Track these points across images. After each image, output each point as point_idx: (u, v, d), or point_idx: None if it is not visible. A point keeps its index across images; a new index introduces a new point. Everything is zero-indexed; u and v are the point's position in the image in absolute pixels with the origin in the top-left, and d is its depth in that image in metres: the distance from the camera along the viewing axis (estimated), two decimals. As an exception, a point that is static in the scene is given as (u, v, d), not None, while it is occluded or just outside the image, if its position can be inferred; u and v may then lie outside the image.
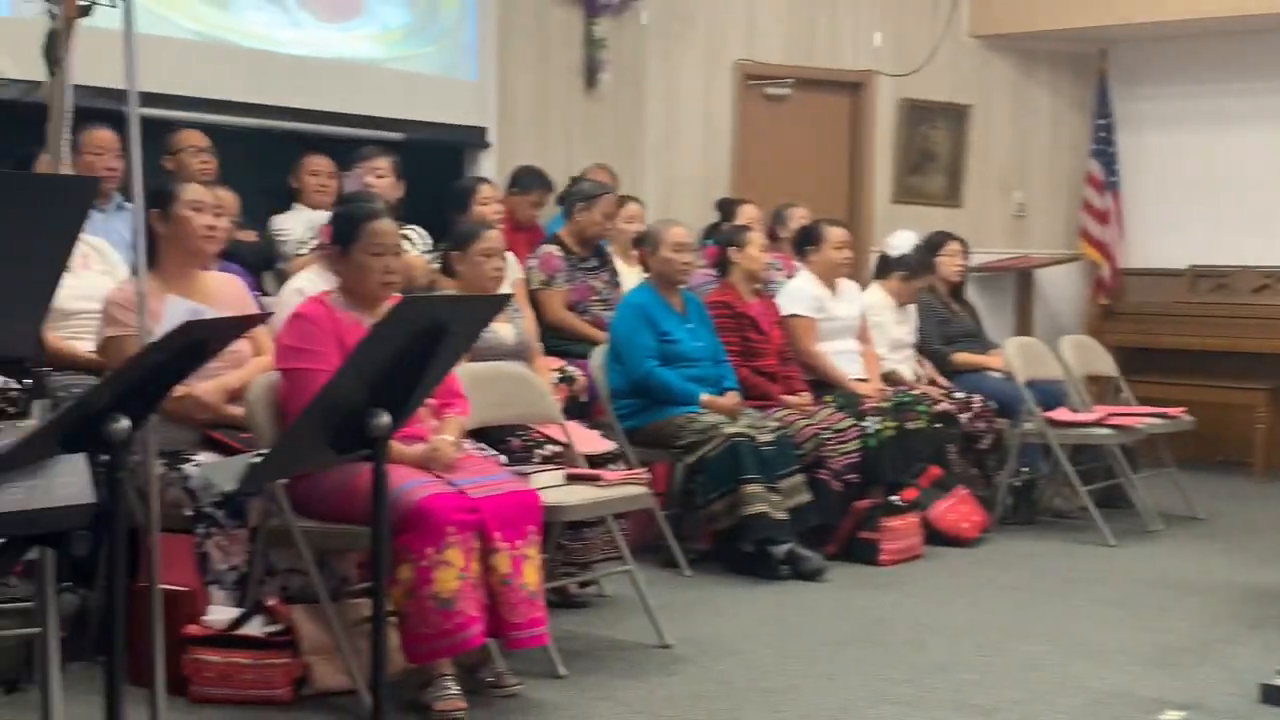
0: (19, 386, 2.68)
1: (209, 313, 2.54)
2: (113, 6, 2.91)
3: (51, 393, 2.91)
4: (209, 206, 4.22)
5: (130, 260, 4.53)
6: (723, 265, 5.89)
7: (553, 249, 5.92)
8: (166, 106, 5.57)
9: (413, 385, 2.74)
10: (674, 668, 4.07)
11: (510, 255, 5.23)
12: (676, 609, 4.57)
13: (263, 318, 3.65)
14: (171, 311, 2.43)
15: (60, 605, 3.40)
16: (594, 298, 5.93)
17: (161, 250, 4.04)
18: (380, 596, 2.80)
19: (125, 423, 2.22)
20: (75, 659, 3.60)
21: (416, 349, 2.69)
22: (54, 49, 3.12)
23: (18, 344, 2.39)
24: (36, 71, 5.51)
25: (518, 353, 4.87)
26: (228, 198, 5.28)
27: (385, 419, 2.61)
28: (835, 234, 6.19)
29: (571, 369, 5.41)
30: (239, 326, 3.08)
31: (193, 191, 4.20)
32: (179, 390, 3.50)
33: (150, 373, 2.30)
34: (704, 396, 5.30)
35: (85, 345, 4.34)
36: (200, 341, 2.41)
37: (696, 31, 8.14)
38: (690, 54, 8.13)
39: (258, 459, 3.04)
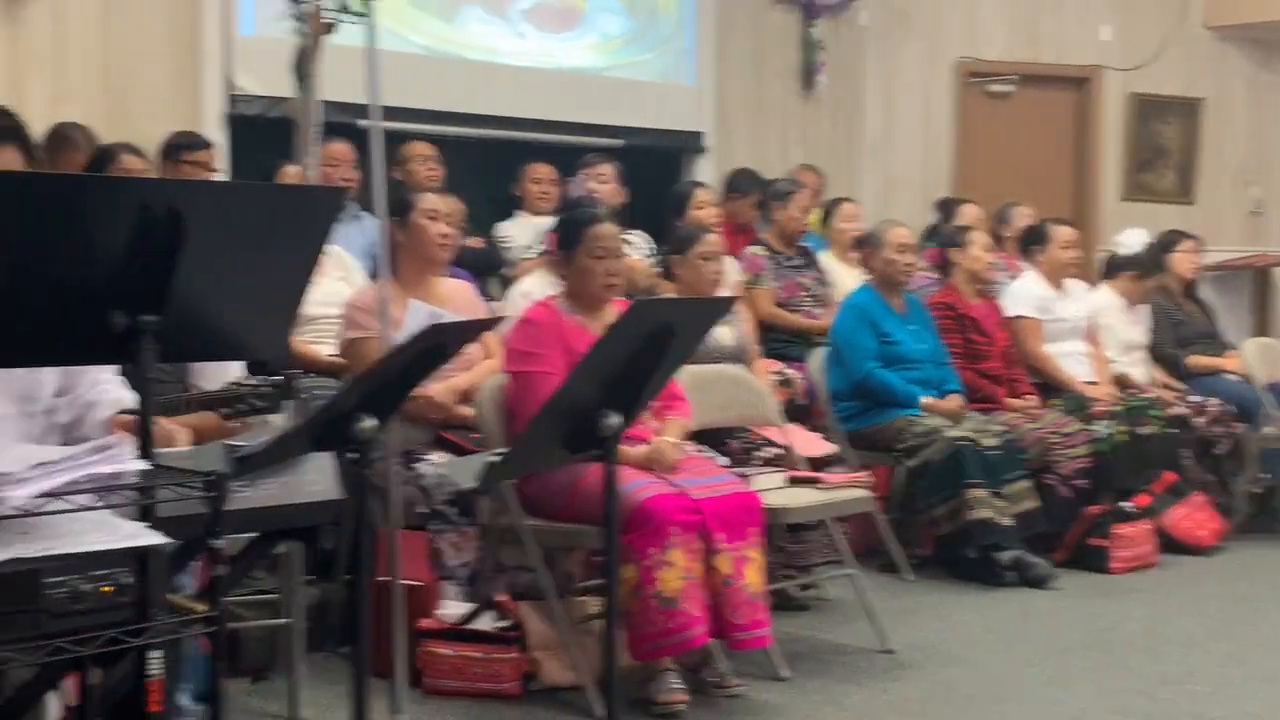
0: (269, 384, 2.83)
1: (448, 317, 2.64)
2: (361, 17, 3.02)
3: (298, 394, 3.05)
4: (443, 215, 4.35)
5: (367, 267, 4.71)
6: (944, 266, 5.80)
7: (756, 249, 5.92)
8: (396, 119, 5.76)
9: (642, 386, 2.79)
10: (897, 673, 4.02)
11: (729, 259, 5.25)
12: (899, 614, 4.51)
13: (498, 321, 3.75)
14: (413, 316, 2.52)
15: (302, 598, 3.57)
16: (803, 294, 5.89)
17: (398, 257, 4.18)
18: (613, 594, 2.84)
19: (372, 422, 2.31)
20: (317, 649, 3.75)
21: (646, 351, 2.73)
22: (303, 65, 3.25)
23: (268, 348, 2.50)
24: (277, 88, 5.82)
25: (736, 355, 4.89)
26: (453, 205, 5.45)
27: (616, 419, 2.66)
28: (1062, 233, 6.04)
29: (790, 372, 5.40)
30: (476, 330, 3.18)
31: (428, 200, 4.34)
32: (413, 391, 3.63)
33: (395, 374, 2.39)
34: (925, 399, 5.22)
35: (326, 348, 4.52)
36: (441, 344, 2.50)
37: (916, 30, 8.04)
38: (910, 53, 8.03)
39: (496, 458, 3.13)
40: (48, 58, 5.28)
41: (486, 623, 3.81)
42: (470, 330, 3.01)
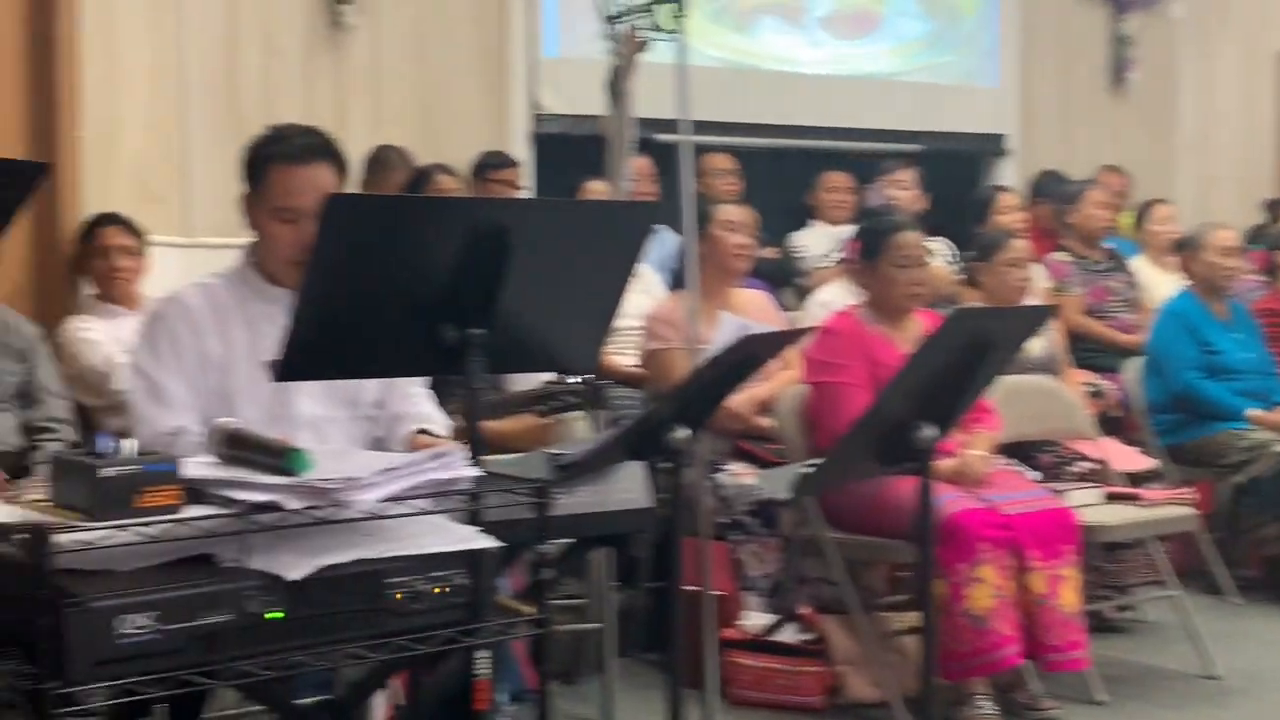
0: (579, 384, 2.91)
1: (758, 328, 2.64)
2: (673, 34, 3.06)
3: (607, 403, 3.13)
4: (740, 226, 4.37)
5: (665, 280, 4.78)
6: (1271, 270, 5.47)
7: (1060, 255, 5.70)
8: (694, 132, 5.83)
9: (958, 398, 2.72)
10: (1223, 700, 3.81)
11: (1036, 265, 5.09)
12: (1223, 638, 4.26)
13: (808, 332, 3.73)
14: (724, 327, 2.53)
15: (612, 603, 3.64)
16: (1112, 299, 5.65)
17: (698, 269, 4.22)
18: (928, 611, 2.79)
19: (685, 432, 2.33)
20: (622, 654, 3.82)
21: (963, 361, 2.67)
22: (617, 83, 3.32)
23: (582, 360, 2.56)
24: (579, 106, 5.97)
25: (1045, 365, 4.72)
26: (749, 215, 5.46)
27: (932, 432, 2.61)
28: (1404, 233, 5.60)
29: (1102, 382, 5.18)
30: (788, 340, 3.18)
31: (726, 212, 4.37)
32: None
33: (707, 385, 2.41)
34: (1252, 412, 4.93)
35: (627, 360, 4.60)
36: (752, 355, 2.50)
37: (1235, 21, 7.63)
38: (1227, 46, 7.62)
39: (808, 469, 3.13)
40: (367, 84, 5.57)
41: (789, 635, 3.81)
42: (782, 341, 3.01)
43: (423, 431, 2.68)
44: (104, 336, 4.28)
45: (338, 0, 5.35)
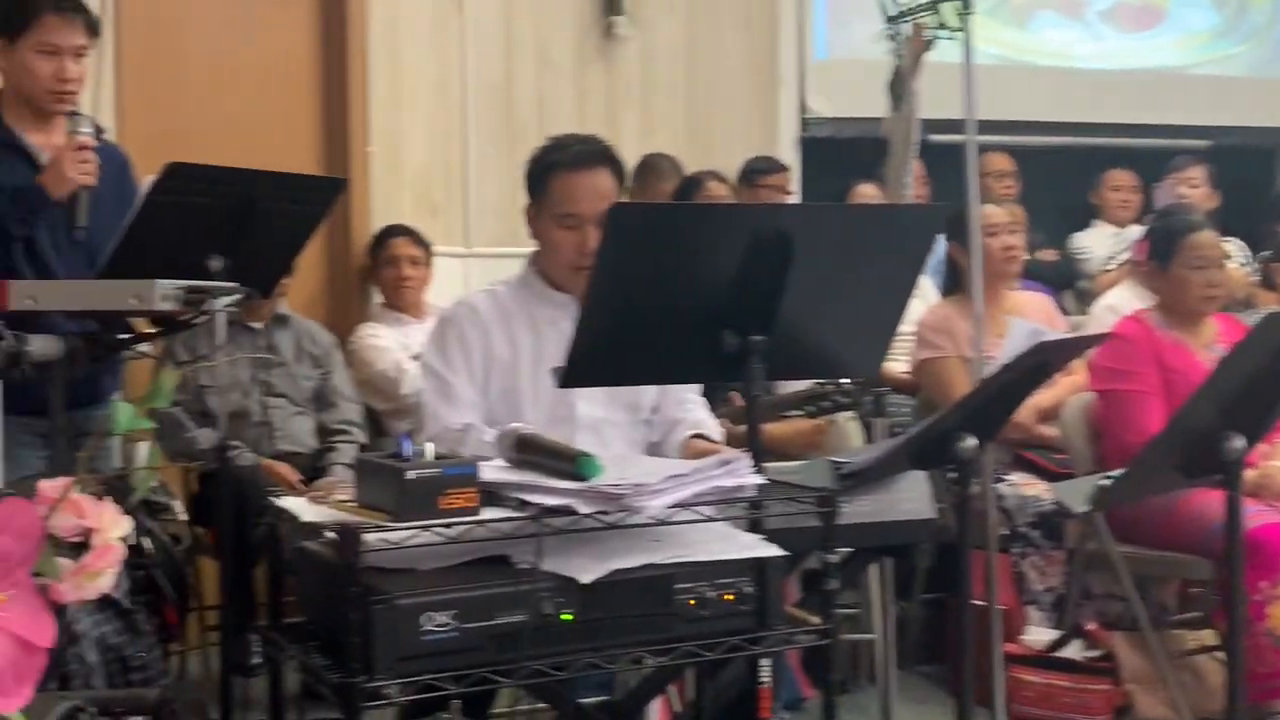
0: (848, 385, 2.89)
1: (1049, 334, 2.55)
2: (958, 33, 3.00)
3: (885, 410, 3.08)
4: (1004, 227, 4.22)
5: (935, 285, 4.67)
6: None
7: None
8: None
9: (1267, 408, 2.57)
10: None
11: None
12: None
13: (1100, 338, 3.59)
14: (1014, 333, 2.46)
15: (890, 614, 3.58)
16: None
17: (965, 275, 4.11)
18: (1237, 630, 2.64)
19: (972, 441, 2.27)
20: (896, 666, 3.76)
21: (1273, 369, 2.51)
22: (901, 83, 3.27)
23: (865, 367, 2.53)
24: (848, 109, 5.91)
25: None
26: (1015, 214, 5.29)
27: (1240, 443, 2.46)
28: None
29: None
30: (1082, 347, 3.07)
31: (986, 214, 4.23)
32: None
33: (997, 393, 2.34)
34: None
35: (898, 366, 4.52)
36: (1044, 363, 2.42)
37: None
38: None
39: (1105, 482, 3.01)
40: (638, 93, 5.65)
41: (1075, 651, 3.67)
42: (1076, 347, 2.90)
43: (698, 436, 2.69)
44: (392, 343, 4.47)
45: (610, 12, 5.44)
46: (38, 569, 1.04)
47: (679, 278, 2.21)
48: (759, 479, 1.96)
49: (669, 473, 1.86)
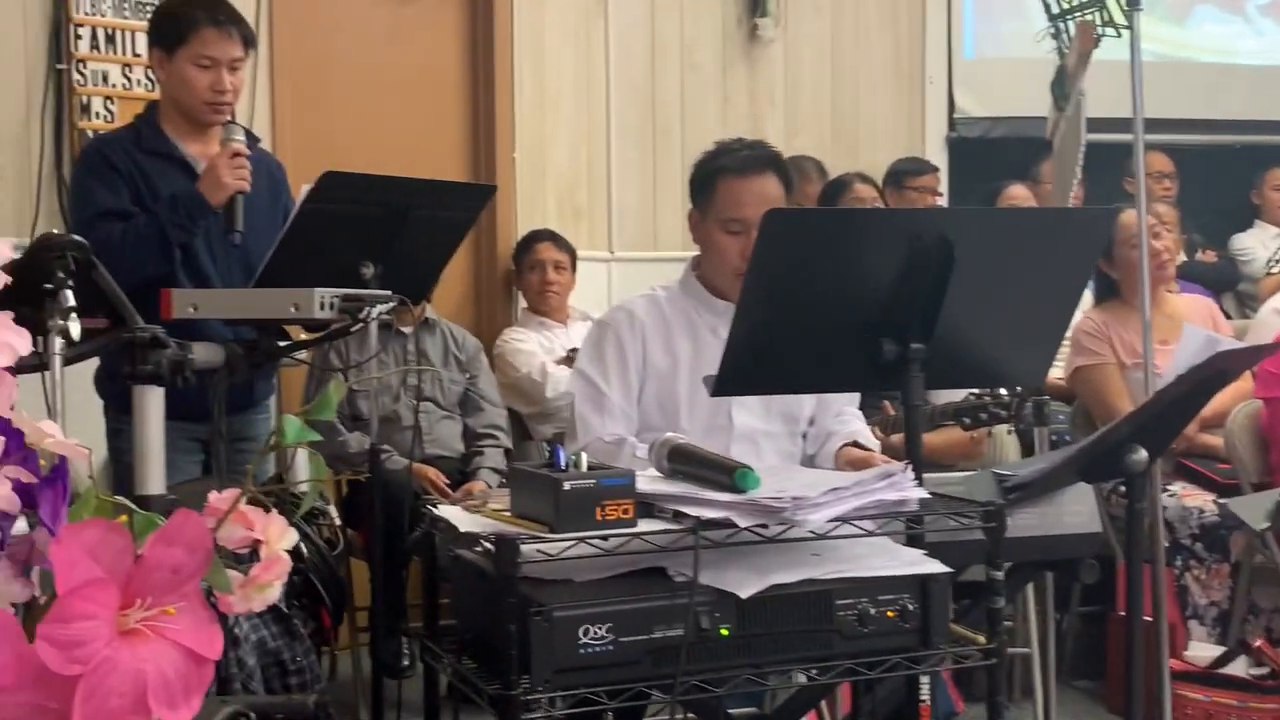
0: (1005, 396, 2.81)
1: (1225, 343, 2.45)
2: (1125, 30, 2.89)
3: (1048, 419, 2.99)
4: (1151, 230, 4.08)
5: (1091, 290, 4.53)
6: None
7: None
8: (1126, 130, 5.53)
9: None
10: None
11: None
12: None
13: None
14: (1188, 341, 2.36)
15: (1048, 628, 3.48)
16: None
17: (1118, 282, 4.02)
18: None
19: (1143, 454, 2.18)
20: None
21: None
22: (1064, 83, 3.17)
23: (1029, 375, 2.45)
24: (997, 108, 5.78)
25: None
26: (1166, 214, 5.11)
27: None
28: None
29: None
30: (1260, 355, 2.95)
31: (1129, 214, 4.10)
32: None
33: (1170, 405, 2.25)
34: None
35: (1053, 373, 4.40)
36: (1221, 372, 2.32)
37: None
38: None
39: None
40: (781, 94, 5.59)
41: (1240, 668, 3.52)
42: (1255, 356, 2.78)
43: (854, 444, 2.63)
44: (536, 347, 4.48)
45: (755, 14, 5.39)
46: (207, 581, 1.04)
47: (834, 284, 2.16)
48: (922, 492, 1.90)
49: (829, 485, 1.81)
